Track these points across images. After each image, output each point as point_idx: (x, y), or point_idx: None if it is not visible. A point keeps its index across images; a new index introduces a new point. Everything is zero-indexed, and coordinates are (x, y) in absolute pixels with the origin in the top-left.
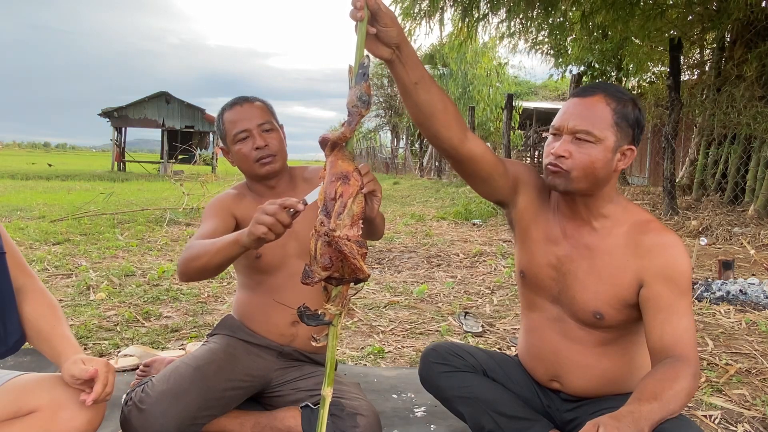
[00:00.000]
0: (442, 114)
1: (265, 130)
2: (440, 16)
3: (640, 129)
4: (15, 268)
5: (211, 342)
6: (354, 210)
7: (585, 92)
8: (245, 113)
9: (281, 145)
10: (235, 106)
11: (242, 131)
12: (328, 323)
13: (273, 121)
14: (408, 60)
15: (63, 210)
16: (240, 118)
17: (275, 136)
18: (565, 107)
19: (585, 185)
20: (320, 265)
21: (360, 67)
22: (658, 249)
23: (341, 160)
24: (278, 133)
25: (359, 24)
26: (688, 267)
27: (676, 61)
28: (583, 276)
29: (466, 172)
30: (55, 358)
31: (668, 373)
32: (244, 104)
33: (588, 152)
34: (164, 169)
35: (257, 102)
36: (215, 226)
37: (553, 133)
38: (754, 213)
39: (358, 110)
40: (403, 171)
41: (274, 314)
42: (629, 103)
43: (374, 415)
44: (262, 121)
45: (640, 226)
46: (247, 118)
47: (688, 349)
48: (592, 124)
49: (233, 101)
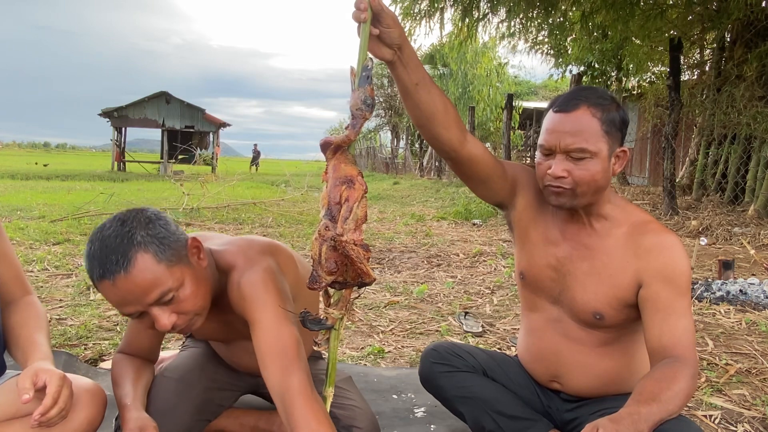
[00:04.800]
0: (442, 115)
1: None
2: (440, 16)
3: (626, 128)
4: (13, 281)
5: (189, 345)
6: (358, 214)
7: (567, 105)
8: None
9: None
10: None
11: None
12: (330, 327)
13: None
14: (409, 61)
15: (63, 210)
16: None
17: (591, 164)
18: (550, 124)
19: (589, 199)
20: (325, 270)
21: (363, 69)
22: (657, 249)
23: (344, 163)
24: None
25: (362, 25)
26: (687, 267)
27: (676, 61)
28: (583, 277)
29: (466, 173)
30: (22, 364)
31: (667, 374)
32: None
33: (587, 168)
34: (164, 169)
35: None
36: (138, 331)
37: (545, 153)
38: (754, 213)
39: (362, 113)
40: (403, 171)
41: (233, 360)
42: (612, 107)
43: (371, 423)
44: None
45: (639, 227)
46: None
47: (687, 350)
48: (585, 140)
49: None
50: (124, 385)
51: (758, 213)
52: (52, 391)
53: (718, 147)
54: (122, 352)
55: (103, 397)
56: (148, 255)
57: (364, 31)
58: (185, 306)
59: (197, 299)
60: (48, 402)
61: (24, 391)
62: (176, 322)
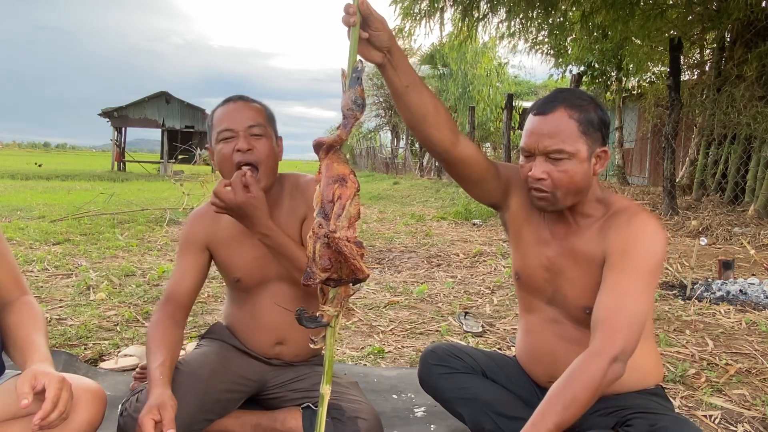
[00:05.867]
0: (433, 117)
1: (253, 134)
2: (440, 16)
3: (606, 128)
4: (10, 281)
5: (203, 346)
6: (351, 212)
7: (545, 108)
8: (237, 112)
9: (270, 153)
10: (228, 103)
11: (227, 130)
12: (326, 325)
13: (267, 128)
14: (399, 64)
15: (63, 210)
16: (229, 116)
17: (265, 143)
18: (530, 126)
19: (571, 200)
20: (319, 267)
21: (354, 71)
22: (623, 228)
23: (336, 162)
24: (269, 141)
25: (352, 29)
26: (651, 248)
27: (676, 61)
28: (571, 274)
29: (459, 174)
30: (21, 366)
31: (568, 378)
32: (238, 102)
33: (565, 169)
34: (164, 169)
35: (254, 103)
36: (184, 272)
37: (525, 156)
38: (754, 213)
39: (354, 113)
40: (403, 171)
41: (258, 334)
42: (590, 107)
43: (375, 418)
44: (253, 123)
45: (616, 213)
46: (237, 119)
47: (613, 330)
48: (562, 141)
49: (229, 98)
50: (157, 356)
51: (758, 213)
52: (51, 395)
53: (718, 147)
54: (164, 306)
55: (103, 397)
56: (262, 107)
57: (354, 33)
58: (261, 148)
59: (267, 154)
60: (47, 406)
61: (23, 396)
62: (250, 149)
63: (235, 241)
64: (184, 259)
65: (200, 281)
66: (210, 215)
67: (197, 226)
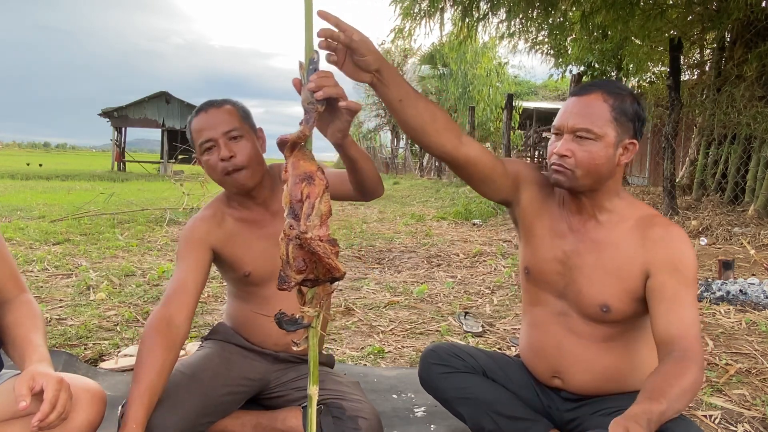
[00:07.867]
0: (430, 126)
1: (231, 138)
2: (440, 16)
3: (641, 122)
4: (8, 280)
5: (206, 347)
6: (322, 210)
7: (583, 90)
8: (210, 121)
9: (252, 152)
10: (200, 113)
11: (207, 141)
12: (307, 326)
13: (243, 127)
14: (390, 81)
15: (63, 210)
16: (205, 126)
17: (245, 144)
18: (564, 106)
19: (589, 182)
20: (294, 269)
21: (310, 63)
22: (665, 241)
23: (302, 160)
24: (249, 139)
25: (304, 16)
26: (694, 260)
27: (676, 61)
28: (590, 270)
29: (465, 175)
30: (20, 365)
31: (675, 370)
32: (209, 110)
33: (589, 149)
34: (164, 169)
35: (225, 106)
36: (188, 271)
37: (555, 133)
38: (754, 213)
39: (315, 107)
40: (403, 171)
41: (268, 324)
42: (627, 97)
43: (376, 417)
44: (229, 128)
45: (646, 220)
46: (212, 126)
47: (693, 342)
48: (591, 122)
49: (199, 107)
50: (144, 377)
51: (758, 213)
52: (49, 396)
53: (718, 147)
54: (163, 308)
55: (103, 397)
56: (234, 107)
57: (307, 18)
58: (242, 151)
59: (250, 155)
60: (46, 408)
61: (21, 397)
62: (232, 156)
63: (241, 237)
64: (188, 259)
65: (204, 280)
66: (212, 217)
67: (200, 227)
